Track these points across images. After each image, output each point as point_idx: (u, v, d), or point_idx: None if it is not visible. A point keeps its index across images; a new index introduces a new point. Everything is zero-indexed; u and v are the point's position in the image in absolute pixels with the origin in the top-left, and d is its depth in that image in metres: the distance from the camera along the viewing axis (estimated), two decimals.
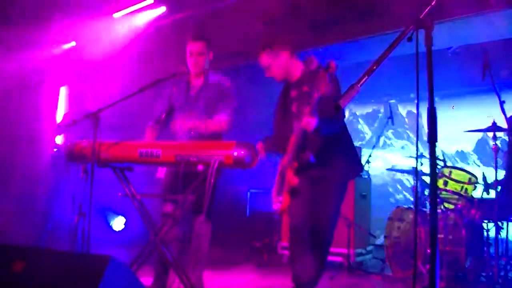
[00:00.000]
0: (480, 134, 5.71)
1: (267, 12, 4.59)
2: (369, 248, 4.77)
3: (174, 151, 2.76)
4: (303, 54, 3.00)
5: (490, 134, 3.82)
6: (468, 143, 6.10)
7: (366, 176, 5.00)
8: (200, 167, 2.65)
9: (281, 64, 2.81)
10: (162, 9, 5.33)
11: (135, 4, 5.25)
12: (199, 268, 3.16)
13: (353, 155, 2.86)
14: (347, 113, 4.92)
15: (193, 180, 2.77)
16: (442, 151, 4.16)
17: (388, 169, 5.45)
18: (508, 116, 3.67)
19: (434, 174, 1.57)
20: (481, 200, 3.75)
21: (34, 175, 4.74)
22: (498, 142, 3.74)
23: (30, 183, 4.69)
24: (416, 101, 1.65)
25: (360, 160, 2.95)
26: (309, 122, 2.48)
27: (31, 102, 4.72)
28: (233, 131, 3.29)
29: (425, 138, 1.55)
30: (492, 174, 3.67)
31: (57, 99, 4.96)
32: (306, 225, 2.70)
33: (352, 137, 2.90)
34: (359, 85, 1.58)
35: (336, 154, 2.73)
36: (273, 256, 4.83)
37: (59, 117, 5.09)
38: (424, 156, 4.27)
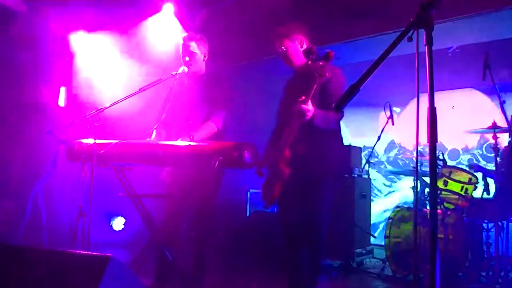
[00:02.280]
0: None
1: (266, 12, 4.59)
2: (369, 248, 4.77)
3: (175, 152, 2.76)
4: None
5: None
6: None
7: (366, 176, 5.00)
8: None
9: (296, 50, 2.84)
10: (169, 6, 5.31)
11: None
12: (200, 269, 3.16)
13: (343, 153, 2.84)
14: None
15: (197, 182, 2.78)
16: (441, 151, 4.15)
17: (387, 171, 5.45)
18: (508, 116, 3.68)
19: (434, 174, 1.57)
20: (481, 200, 3.75)
21: (35, 175, 4.73)
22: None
23: (30, 182, 4.69)
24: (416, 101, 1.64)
25: (347, 160, 2.92)
26: (303, 110, 2.46)
27: (32, 100, 4.71)
28: (234, 131, 3.29)
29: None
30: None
31: (59, 96, 4.94)
32: (298, 223, 2.67)
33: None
34: (359, 85, 1.58)
35: (329, 151, 2.71)
36: (273, 257, 4.82)
37: (61, 116, 5.08)
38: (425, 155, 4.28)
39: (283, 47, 2.85)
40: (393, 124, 4.83)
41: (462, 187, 3.86)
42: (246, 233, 4.83)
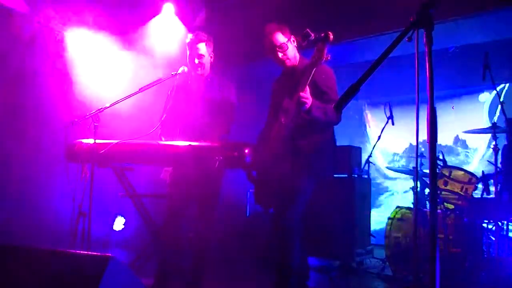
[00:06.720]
0: None
1: (265, 13, 4.59)
2: (369, 248, 4.77)
3: (175, 152, 2.76)
4: (301, 54, 2.99)
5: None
6: None
7: (366, 176, 4.99)
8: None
9: (293, 50, 2.83)
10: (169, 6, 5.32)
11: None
12: (200, 269, 3.16)
13: (334, 155, 2.81)
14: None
15: (197, 182, 2.77)
16: (441, 151, 4.15)
17: (387, 167, 5.44)
18: (508, 116, 3.68)
19: (434, 174, 1.57)
20: (481, 200, 3.75)
21: (35, 175, 4.73)
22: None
23: (30, 182, 4.69)
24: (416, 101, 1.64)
25: (335, 165, 2.86)
26: (303, 98, 2.44)
27: (33, 99, 4.71)
28: (234, 131, 3.29)
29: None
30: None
31: (61, 95, 4.93)
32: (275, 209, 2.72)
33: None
34: (359, 86, 1.58)
35: (320, 149, 2.70)
36: (274, 257, 4.81)
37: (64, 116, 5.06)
38: (424, 156, 4.27)
39: (284, 46, 2.79)
40: (393, 124, 4.83)
41: (462, 187, 3.86)
42: (246, 233, 4.83)
